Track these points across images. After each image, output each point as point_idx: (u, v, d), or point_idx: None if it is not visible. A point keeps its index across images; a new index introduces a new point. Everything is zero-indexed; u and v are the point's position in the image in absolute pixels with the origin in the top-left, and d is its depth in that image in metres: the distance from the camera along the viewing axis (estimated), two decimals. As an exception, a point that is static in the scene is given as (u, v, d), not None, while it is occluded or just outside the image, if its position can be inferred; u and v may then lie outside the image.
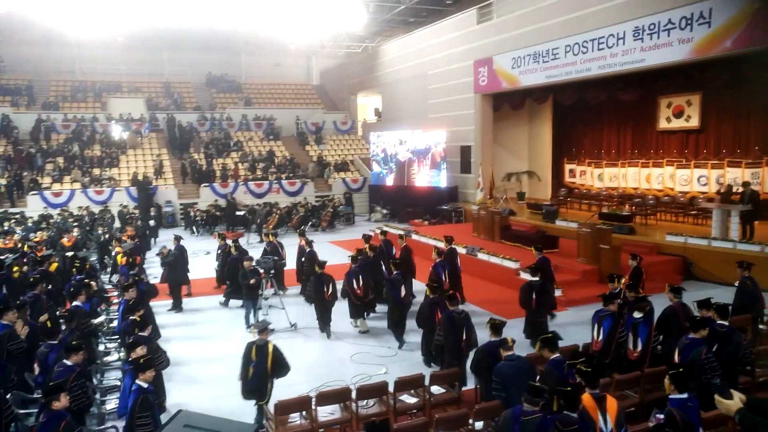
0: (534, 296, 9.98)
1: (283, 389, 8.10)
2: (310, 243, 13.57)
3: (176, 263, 13.09)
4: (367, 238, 13.41)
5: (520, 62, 20.46)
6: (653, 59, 15.80)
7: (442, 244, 13.29)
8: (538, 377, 6.45)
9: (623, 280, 9.72)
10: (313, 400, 7.03)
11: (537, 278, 10.20)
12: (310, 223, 23.44)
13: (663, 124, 18.88)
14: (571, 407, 5.19)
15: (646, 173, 19.11)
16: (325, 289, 10.96)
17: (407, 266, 11.91)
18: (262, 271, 11.71)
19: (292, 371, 9.33)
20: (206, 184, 26.36)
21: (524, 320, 10.35)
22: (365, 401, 7.35)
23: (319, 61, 39.40)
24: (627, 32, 16.37)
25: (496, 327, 7.21)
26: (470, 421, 6.48)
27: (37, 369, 7.27)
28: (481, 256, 15.21)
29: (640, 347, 7.74)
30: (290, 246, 15.31)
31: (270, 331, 7.86)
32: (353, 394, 7.25)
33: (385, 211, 26.02)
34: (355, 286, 11.11)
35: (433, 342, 8.63)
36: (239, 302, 12.38)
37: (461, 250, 15.78)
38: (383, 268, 12.29)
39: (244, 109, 33.60)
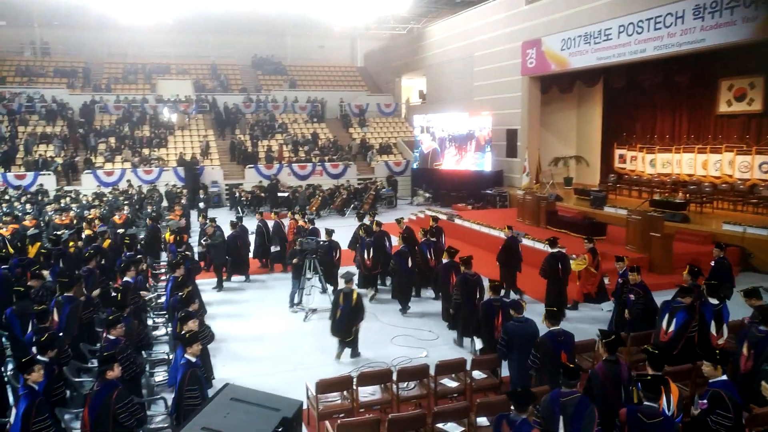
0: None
1: (324, 368, 8.19)
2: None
3: (221, 245, 13.12)
4: (399, 220, 14.09)
5: (570, 43, 19.88)
6: (714, 39, 15.08)
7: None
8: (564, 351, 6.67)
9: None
10: (354, 380, 7.06)
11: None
12: (352, 206, 23.50)
13: (723, 108, 18.03)
14: (652, 397, 4.97)
15: (702, 159, 18.33)
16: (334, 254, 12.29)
17: (413, 242, 12.24)
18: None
19: (334, 351, 9.45)
20: (251, 166, 26.70)
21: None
22: (406, 383, 7.34)
23: (363, 43, 39.23)
24: (687, 11, 15.65)
25: (495, 288, 8.11)
26: (512, 407, 6.38)
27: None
28: (526, 242, 14.94)
29: (725, 333, 7.58)
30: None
31: (351, 281, 9.13)
32: (394, 376, 7.25)
33: (427, 195, 25.86)
34: (365, 257, 12.13)
35: (450, 305, 9.75)
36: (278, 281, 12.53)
37: (501, 235, 15.58)
38: (388, 244, 12.81)
39: (288, 91, 33.80)
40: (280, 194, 24.21)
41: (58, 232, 13.81)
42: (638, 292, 8.71)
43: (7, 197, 20.73)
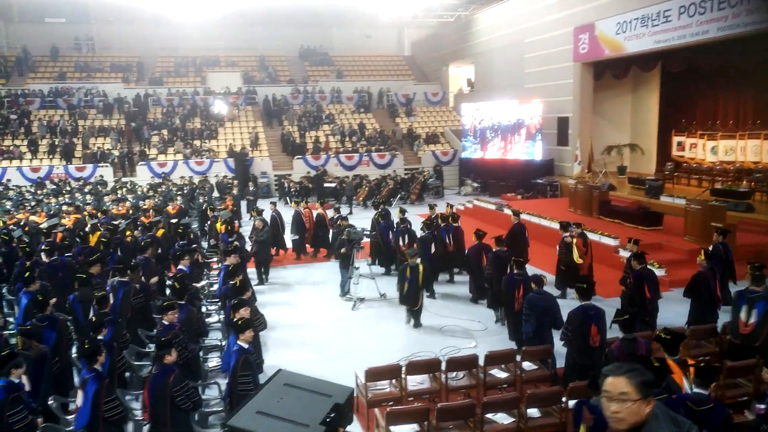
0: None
1: (373, 357, 8.21)
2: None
3: (267, 241, 13.04)
4: (431, 206, 14.87)
5: (625, 27, 19.21)
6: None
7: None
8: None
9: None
10: (403, 368, 7.06)
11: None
12: (399, 196, 23.48)
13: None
14: (703, 384, 4.90)
15: (770, 146, 17.44)
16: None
17: (433, 228, 12.60)
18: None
19: (382, 339, 9.50)
20: (299, 156, 26.98)
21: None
22: (455, 373, 7.30)
23: (410, 31, 38.96)
24: (753, -11, 14.88)
25: (518, 263, 8.88)
26: (563, 399, 6.27)
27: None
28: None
29: None
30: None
31: (416, 255, 10.00)
32: (443, 366, 7.22)
33: (475, 185, 25.58)
34: (401, 243, 12.59)
35: (478, 282, 10.90)
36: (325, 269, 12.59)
37: (556, 226, 15.27)
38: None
39: (335, 81, 33.94)
40: (327, 185, 24.41)
41: (115, 222, 14.31)
42: (630, 281, 8.92)
43: (68, 188, 21.61)
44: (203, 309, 10.16)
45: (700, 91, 20.15)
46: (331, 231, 14.45)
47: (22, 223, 14.68)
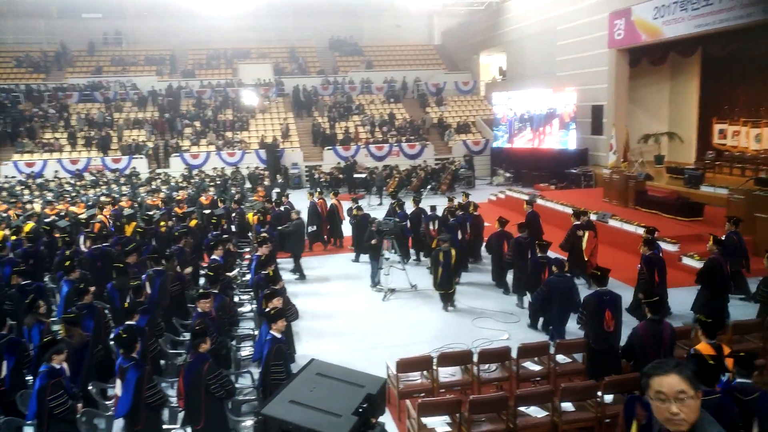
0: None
1: (404, 348, 8.19)
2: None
3: (297, 232, 12.90)
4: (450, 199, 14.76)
5: (663, 11, 18.66)
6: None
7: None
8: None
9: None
10: (435, 360, 7.03)
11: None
12: (429, 186, 23.36)
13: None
14: (746, 373, 4.86)
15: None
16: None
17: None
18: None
19: (413, 330, 9.47)
20: (329, 147, 27.05)
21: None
22: (487, 365, 7.24)
23: (440, 20, 38.58)
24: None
25: (543, 247, 9.36)
26: (599, 393, 6.15)
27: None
28: (613, 222, 14.33)
29: None
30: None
31: (449, 241, 10.26)
32: (475, 358, 7.16)
33: (507, 175, 25.29)
34: (431, 228, 12.90)
35: (500, 266, 11.29)
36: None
37: (591, 217, 15.01)
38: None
39: (365, 71, 33.87)
40: (357, 175, 24.42)
41: (150, 213, 14.57)
42: (641, 267, 9.02)
43: (105, 180, 22.08)
44: (236, 299, 10.28)
45: (743, 77, 19.46)
46: (344, 221, 14.49)
47: (62, 214, 15.07)
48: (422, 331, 9.49)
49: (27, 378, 6.74)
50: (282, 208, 14.25)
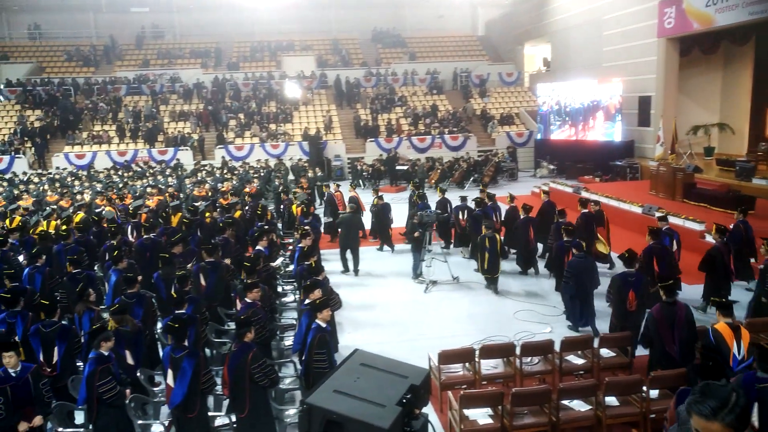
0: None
1: (445, 340, 8.20)
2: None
3: (350, 223, 12.70)
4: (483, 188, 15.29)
5: (716, -2, 18.00)
6: None
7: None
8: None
9: None
10: (477, 352, 7.01)
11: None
12: (472, 179, 23.18)
13: None
14: (766, 367, 4.79)
15: None
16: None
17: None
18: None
19: (455, 322, 9.46)
20: (372, 139, 27.10)
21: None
22: (529, 358, 7.18)
23: (484, 11, 38.11)
24: None
25: (568, 231, 9.71)
26: (644, 388, 6.04)
27: (239, 304, 8.03)
28: (659, 216, 13.94)
29: None
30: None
31: (492, 227, 10.91)
32: (517, 350, 7.11)
33: (551, 167, 24.88)
34: (460, 218, 13.12)
35: (527, 251, 11.76)
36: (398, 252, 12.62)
37: (636, 210, 14.68)
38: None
39: (408, 63, 33.75)
40: (399, 167, 24.41)
41: (196, 204, 14.89)
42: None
43: (151, 171, 22.67)
44: (279, 289, 10.44)
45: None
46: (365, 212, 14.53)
47: (110, 205, 15.51)
48: (464, 323, 9.47)
49: (78, 364, 6.96)
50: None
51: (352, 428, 3.34)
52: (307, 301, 6.94)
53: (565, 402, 6.09)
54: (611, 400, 6.11)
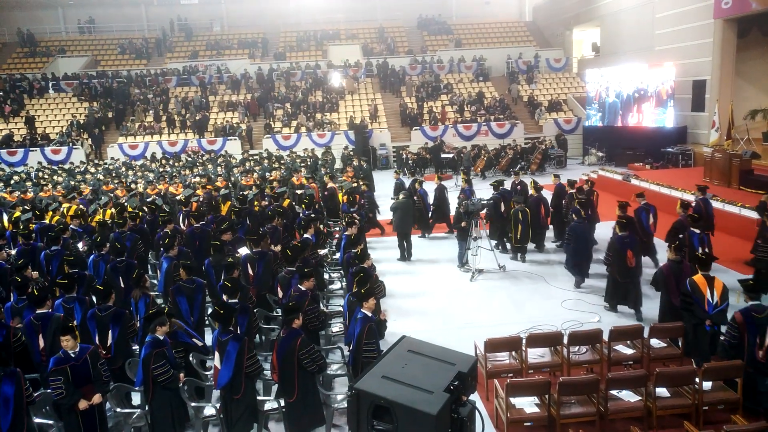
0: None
1: (491, 328, 8.19)
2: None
3: (405, 209, 12.67)
4: (516, 173, 15.00)
5: (778, -24, 17.17)
6: None
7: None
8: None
9: None
10: (524, 341, 6.98)
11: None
12: (518, 166, 22.88)
13: None
14: (754, 296, 6.23)
15: None
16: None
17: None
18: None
19: (501, 311, 9.42)
20: (417, 128, 27.03)
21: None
22: (577, 347, 7.11)
23: (532, -5, 37.40)
24: None
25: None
26: (696, 380, 5.91)
27: (280, 292, 8.20)
28: (715, 204, 13.49)
29: None
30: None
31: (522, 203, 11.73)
32: (564, 339, 7.05)
33: (600, 154, 24.32)
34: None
35: (539, 226, 12.46)
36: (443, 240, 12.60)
37: (687, 196, 14.23)
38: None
39: (454, 50, 33.43)
40: (444, 155, 24.28)
41: (244, 192, 15.17)
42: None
43: (201, 161, 23.20)
44: (326, 276, 10.59)
45: None
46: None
47: (162, 194, 15.99)
48: (510, 312, 9.43)
49: (135, 348, 7.24)
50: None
51: (400, 413, 3.40)
52: (353, 290, 7.02)
53: (614, 392, 6.03)
54: (662, 391, 6.02)
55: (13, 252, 10.20)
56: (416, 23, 36.56)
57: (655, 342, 7.16)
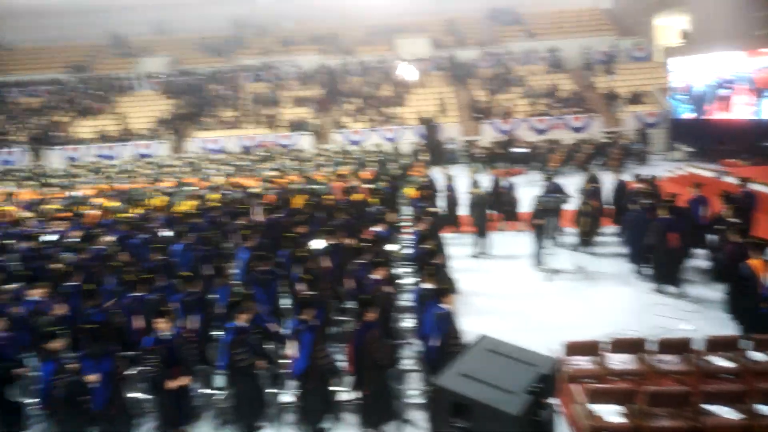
0: None
1: (569, 331, 7.83)
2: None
3: (481, 204, 12.45)
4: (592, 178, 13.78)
5: None
6: None
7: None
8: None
9: None
10: (606, 345, 6.61)
11: None
12: (596, 162, 21.97)
13: None
14: None
15: None
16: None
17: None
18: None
19: (579, 313, 9.01)
20: (487, 121, 26.50)
21: None
22: (665, 356, 6.66)
23: (610, -19, 35.83)
24: None
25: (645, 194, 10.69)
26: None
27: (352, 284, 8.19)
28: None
29: None
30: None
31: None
32: (651, 346, 6.62)
33: (688, 149, 22.96)
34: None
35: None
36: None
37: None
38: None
39: (526, 41, 32.57)
40: (516, 150, 23.66)
41: (315, 186, 15.33)
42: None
43: (274, 155, 23.69)
44: (396, 271, 10.46)
45: None
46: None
47: (238, 186, 16.39)
48: (589, 314, 9.00)
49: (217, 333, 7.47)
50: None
51: (480, 412, 3.30)
52: (426, 286, 6.90)
53: (707, 407, 5.58)
54: (765, 409, 5.51)
55: (110, 239, 10.69)
56: (486, 14, 35.80)
57: (758, 355, 6.58)
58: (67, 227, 11.74)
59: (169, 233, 10.90)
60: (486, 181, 14.00)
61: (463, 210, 13.77)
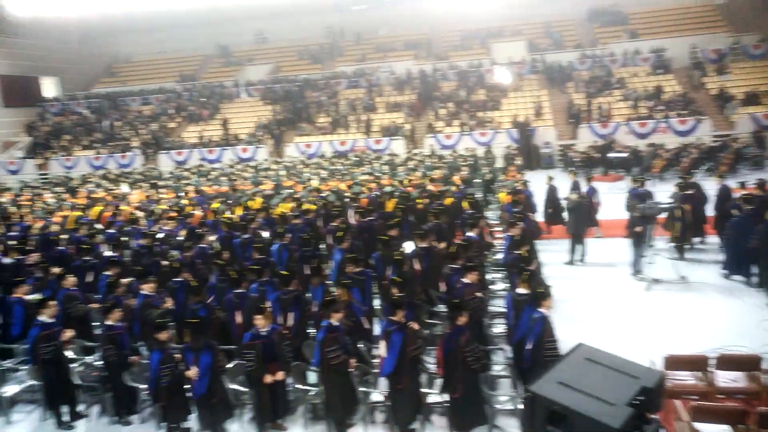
0: None
1: (670, 344, 7.50)
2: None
3: (579, 210, 12.13)
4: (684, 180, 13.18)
5: None
6: None
7: None
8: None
9: None
10: (712, 361, 6.25)
11: None
12: (704, 167, 20.67)
13: None
14: None
15: None
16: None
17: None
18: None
19: (681, 325, 8.56)
20: (585, 125, 25.62)
21: None
22: (779, 375, 6.20)
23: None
24: None
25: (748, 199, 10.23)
26: None
27: (443, 287, 8.27)
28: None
29: None
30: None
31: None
32: (765, 365, 6.18)
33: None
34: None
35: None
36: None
37: None
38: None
39: (628, 41, 31.18)
40: (614, 155, 22.69)
41: (408, 190, 15.41)
42: None
43: (368, 159, 24.06)
44: (488, 277, 10.37)
45: None
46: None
47: (333, 190, 16.80)
48: (692, 327, 8.53)
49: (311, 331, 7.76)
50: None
51: (578, 422, 3.22)
52: (521, 291, 6.82)
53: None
54: None
55: (214, 238, 11.34)
56: (586, 15, 34.61)
57: None
58: (174, 227, 12.53)
59: (267, 234, 11.41)
60: (581, 186, 13.52)
61: (559, 216, 13.46)
